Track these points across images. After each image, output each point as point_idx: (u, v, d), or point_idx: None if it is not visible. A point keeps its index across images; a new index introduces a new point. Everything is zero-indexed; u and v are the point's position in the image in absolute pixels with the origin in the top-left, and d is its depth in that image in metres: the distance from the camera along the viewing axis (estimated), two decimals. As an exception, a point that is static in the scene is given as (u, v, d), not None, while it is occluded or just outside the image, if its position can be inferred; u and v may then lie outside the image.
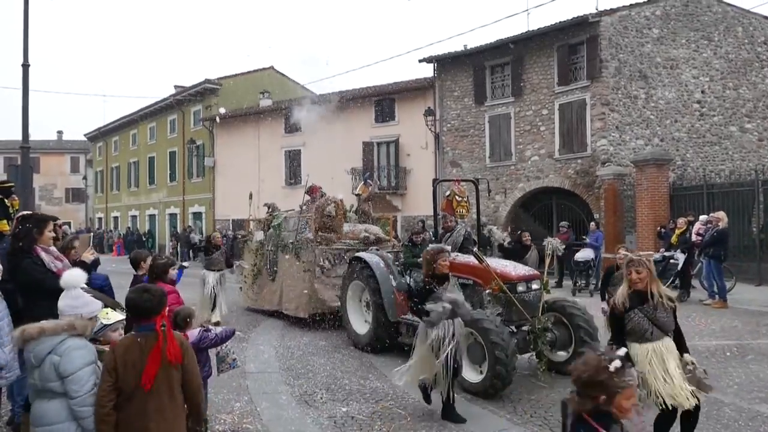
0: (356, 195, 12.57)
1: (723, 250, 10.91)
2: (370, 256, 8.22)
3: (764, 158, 18.55)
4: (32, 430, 3.05)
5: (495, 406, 5.61)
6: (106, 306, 3.38)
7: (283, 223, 11.02)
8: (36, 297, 3.95)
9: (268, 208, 11.99)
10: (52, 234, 4.33)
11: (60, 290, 3.92)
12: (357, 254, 8.64)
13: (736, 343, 7.93)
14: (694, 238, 11.64)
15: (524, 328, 6.41)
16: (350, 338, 8.37)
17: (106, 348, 3.13)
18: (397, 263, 8.15)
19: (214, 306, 9.83)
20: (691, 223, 12.09)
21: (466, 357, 6.13)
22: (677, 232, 12.10)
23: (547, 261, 7.12)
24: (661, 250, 12.38)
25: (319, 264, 9.69)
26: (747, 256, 13.91)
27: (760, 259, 13.40)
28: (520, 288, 6.46)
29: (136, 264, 5.62)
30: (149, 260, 5.42)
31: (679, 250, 11.69)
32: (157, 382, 2.88)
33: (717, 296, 10.92)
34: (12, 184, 5.81)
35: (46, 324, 3.04)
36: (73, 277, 3.25)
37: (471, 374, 6.02)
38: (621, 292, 4.02)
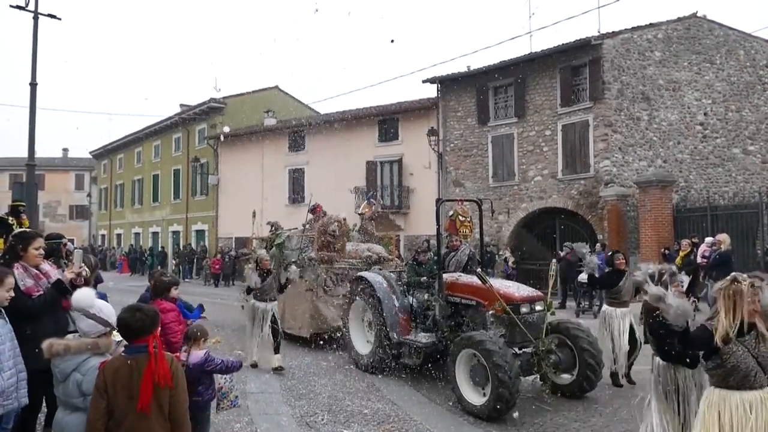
0: (359, 214, 12.59)
1: (726, 272, 10.84)
2: (372, 276, 8.18)
3: (768, 180, 18.56)
4: None
5: (498, 429, 5.54)
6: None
7: (285, 242, 11.00)
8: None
9: (271, 226, 12.00)
10: (38, 252, 4.28)
11: (26, 311, 3.83)
12: (359, 273, 8.60)
13: (742, 367, 7.84)
14: (699, 260, 11.59)
15: (528, 349, 6.34)
16: (352, 358, 8.29)
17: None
18: (399, 283, 8.11)
19: (267, 345, 8.07)
20: (695, 245, 12.04)
21: (469, 379, 6.08)
22: (681, 254, 12.06)
23: (551, 282, 7.08)
24: (666, 271, 12.30)
25: (322, 283, 9.65)
26: (752, 279, 13.79)
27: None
28: (524, 309, 6.41)
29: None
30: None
31: (683, 272, 11.62)
32: (150, 405, 2.84)
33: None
34: (23, 204, 5.84)
35: (72, 342, 3.12)
36: (84, 297, 3.22)
37: (474, 396, 5.96)
38: (727, 322, 3.09)
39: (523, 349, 6.34)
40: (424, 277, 7.82)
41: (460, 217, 8.35)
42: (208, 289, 22.95)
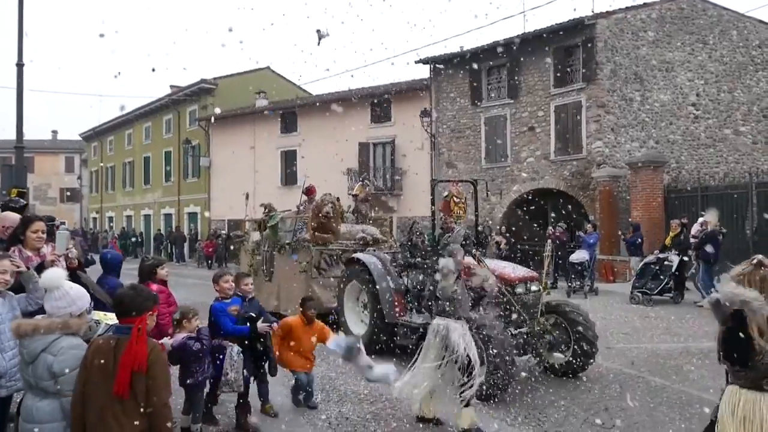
0: (353, 195, 12.50)
1: (713, 251, 10.99)
2: (367, 257, 8.11)
3: (758, 161, 18.66)
4: (21, 425, 3.01)
5: (490, 408, 5.61)
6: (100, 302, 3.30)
7: (279, 224, 10.90)
8: None
9: (265, 208, 11.81)
10: (37, 235, 4.28)
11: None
12: (354, 255, 8.53)
13: (729, 345, 7.97)
14: (692, 240, 11.73)
15: (523, 330, 6.34)
16: None
17: None
18: (394, 264, 7.99)
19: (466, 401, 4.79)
20: (684, 226, 12.16)
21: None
22: (671, 234, 12.18)
23: (546, 262, 7.06)
24: (656, 252, 12.45)
25: (316, 265, 9.60)
26: (741, 258, 13.75)
27: (754, 262, 13.46)
28: (519, 289, 6.39)
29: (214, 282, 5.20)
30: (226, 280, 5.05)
31: (673, 252, 11.76)
32: (127, 389, 2.70)
33: (711, 298, 10.97)
34: (25, 203, 5.85)
35: (41, 321, 3.00)
36: (52, 277, 3.13)
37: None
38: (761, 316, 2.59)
39: (519, 330, 6.31)
40: (419, 258, 7.75)
41: (455, 198, 8.25)
42: (201, 272, 22.95)
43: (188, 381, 4.62)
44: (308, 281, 9.59)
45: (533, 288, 6.55)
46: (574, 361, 6.40)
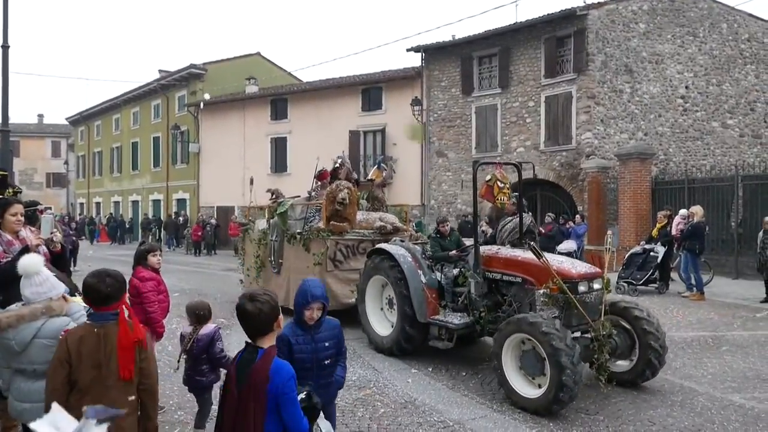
0: (369, 180, 11.57)
1: (699, 243, 11.15)
2: (394, 248, 7.19)
3: (744, 154, 18.86)
4: (12, 404, 3.01)
5: (480, 395, 5.66)
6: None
7: (288, 211, 9.99)
8: None
9: (272, 194, 11.11)
10: (15, 218, 4.22)
11: None
12: (379, 246, 7.60)
13: (711, 335, 8.12)
14: (674, 231, 11.88)
15: (586, 334, 5.60)
16: (370, 340, 7.45)
17: None
18: (424, 256, 7.14)
19: None
20: (669, 217, 12.31)
21: (518, 369, 5.38)
22: (657, 226, 12.32)
23: (608, 257, 6.28)
24: (642, 243, 12.59)
25: (331, 256, 8.85)
26: (725, 250, 14.18)
27: (738, 253, 13.67)
28: (582, 288, 5.53)
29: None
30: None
31: (659, 244, 11.91)
32: (113, 372, 2.71)
33: (695, 289, 11.16)
34: (20, 190, 5.75)
35: (23, 310, 2.99)
36: (31, 263, 3.09)
37: (527, 389, 5.24)
38: None
39: (582, 334, 5.60)
40: (454, 251, 6.97)
41: (499, 183, 7.33)
42: (190, 258, 22.88)
43: (199, 378, 4.44)
44: (323, 274, 8.63)
45: (596, 286, 5.67)
46: (638, 372, 5.71)
